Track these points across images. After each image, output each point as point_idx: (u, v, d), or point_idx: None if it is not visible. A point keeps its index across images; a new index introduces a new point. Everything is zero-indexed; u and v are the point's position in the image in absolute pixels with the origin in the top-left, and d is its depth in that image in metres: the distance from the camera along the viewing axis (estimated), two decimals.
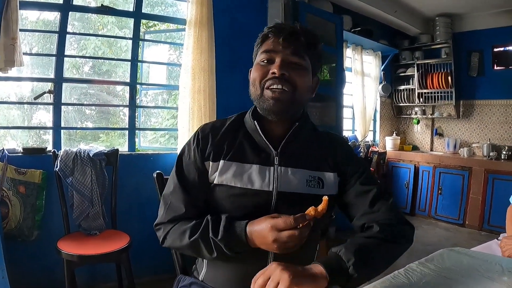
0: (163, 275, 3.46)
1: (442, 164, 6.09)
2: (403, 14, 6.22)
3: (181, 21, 3.77)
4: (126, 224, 3.15)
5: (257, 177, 1.38)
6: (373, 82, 6.52)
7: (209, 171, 1.42)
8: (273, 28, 1.40)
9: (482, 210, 5.55)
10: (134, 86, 3.65)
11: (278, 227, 1.16)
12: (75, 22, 4.49)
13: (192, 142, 1.47)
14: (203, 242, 1.30)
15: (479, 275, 1.45)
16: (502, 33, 6.02)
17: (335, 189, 1.46)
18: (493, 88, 6.20)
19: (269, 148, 1.43)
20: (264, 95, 1.37)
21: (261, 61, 1.39)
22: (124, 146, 3.70)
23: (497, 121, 6.22)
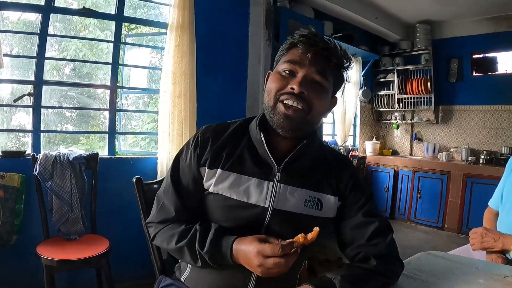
0: (143, 280, 3.43)
1: (421, 168, 6.18)
2: (384, 21, 6.30)
3: (163, 24, 3.76)
4: (106, 228, 3.13)
5: (254, 191, 1.32)
6: (354, 87, 6.59)
7: (204, 177, 1.36)
8: (305, 38, 1.30)
9: (461, 214, 5.65)
10: (114, 90, 3.63)
11: (265, 253, 1.12)
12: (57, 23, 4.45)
13: (190, 144, 1.41)
14: (188, 251, 1.28)
15: (456, 278, 1.46)
16: (481, 40, 6.17)
17: (333, 213, 1.41)
18: (472, 94, 6.33)
19: (271, 163, 1.35)
20: (277, 108, 1.29)
21: (283, 71, 1.31)
22: (104, 149, 3.67)
23: (475, 126, 6.34)
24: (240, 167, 1.35)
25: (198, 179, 1.38)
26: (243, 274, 1.32)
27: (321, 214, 1.37)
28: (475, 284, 1.41)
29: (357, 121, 7.16)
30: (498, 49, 6.10)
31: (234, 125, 1.45)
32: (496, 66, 6.17)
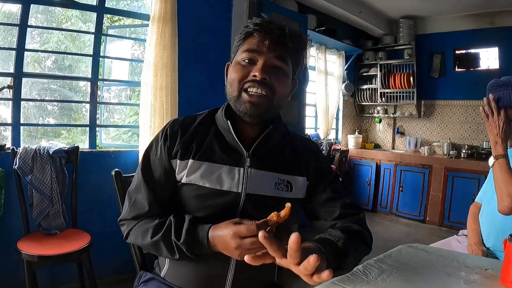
0: (125, 275, 3.40)
1: (403, 162, 6.24)
2: (368, 15, 6.33)
3: (145, 16, 3.73)
4: (87, 223, 3.10)
5: (227, 178, 1.34)
6: (336, 81, 6.60)
7: (176, 169, 1.37)
8: (260, 27, 1.32)
9: (442, 207, 5.72)
10: (95, 82, 3.59)
11: (241, 234, 1.11)
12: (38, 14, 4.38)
13: (160, 138, 1.41)
14: (164, 244, 1.27)
15: (437, 270, 1.48)
16: (463, 36, 6.26)
17: (302, 193, 1.45)
18: (454, 89, 6.42)
19: (240, 149, 1.38)
20: (242, 98, 1.32)
21: (243, 60, 1.33)
22: (86, 143, 3.63)
23: (457, 121, 6.42)
24: (210, 156, 1.36)
25: (170, 171, 1.38)
26: (222, 263, 1.34)
27: (292, 196, 1.39)
28: (455, 276, 1.43)
29: (339, 114, 7.20)
30: (480, 45, 6.18)
31: (200, 117, 1.47)
32: (478, 62, 6.25)
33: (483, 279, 1.42)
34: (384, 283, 1.33)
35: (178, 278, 1.41)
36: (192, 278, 1.38)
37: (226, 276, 1.36)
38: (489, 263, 1.57)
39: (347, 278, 1.34)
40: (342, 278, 1.33)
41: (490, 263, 1.58)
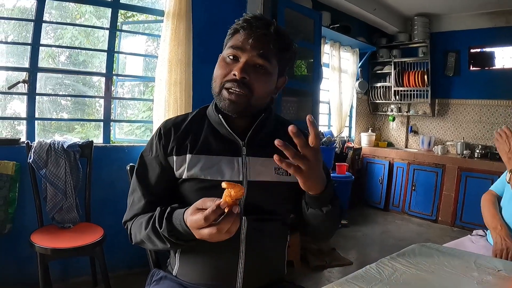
0: (137, 269, 3.45)
1: (416, 161, 6.20)
2: (382, 13, 6.28)
3: (159, 12, 3.74)
4: (100, 217, 3.12)
5: (226, 168, 1.38)
6: (350, 78, 6.59)
7: (173, 166, 1.40)
8: (247, 24, 1.35)
9: (455, 207, 5.67)
10: (110, 77, 3.61)
11: (195, 226, 1.10)
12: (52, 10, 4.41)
13: (154, 138, 1.46)
14: (155, 235, 1.27)
15: (450, 270, 1.47)
16: (479, 35, 6.17)
17: None
18: (468, 88, 6.34)
19: (235, 139, 1.42)
20: (222, 94, 1.36)
21: (227, 57, 1.37)
22: (99, 137, 3.66)
23: (471, 120, 6.35)
24: (207, 149, 1.40)
25: (167, 169, 1.41)
26: (231, 256, 1.37)
27: (291, 179, 1.35)
28: (468, 277, 1.42)
29: (353, 112, 7.17)
30: (496, 44, 6.10)
31: (192, 114, 1.53)
32: (494, 61, 6.17)
33: (496, 280, 1.42)
34: (397, 282, 1.32)
35: (190, 275, 1.42)
36: (204, 273, 1.39)
37: (237, 269, 1.37)
38: (502, 264, 1.56)
39: (360, 276, 1.34)
40: (355, 276, 1.34)
41: (503, 264, 1.57)
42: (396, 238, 5.07)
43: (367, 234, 5.25)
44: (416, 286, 1.32)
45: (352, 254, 4.42)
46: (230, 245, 1.33)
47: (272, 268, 1.49)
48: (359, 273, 1.37)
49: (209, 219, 1.05)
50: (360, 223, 5.71)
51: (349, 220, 5.61)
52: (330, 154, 5.60)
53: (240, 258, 1.37)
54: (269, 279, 1.48)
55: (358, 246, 4.77)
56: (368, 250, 4.67)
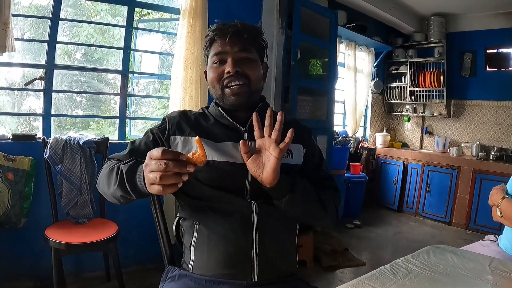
0: (150, 265, 3.47)
1: (431, 162, 6.15)
2: (398, 12, 6.25)
3: (175, 10, 3.76)
4: (114, 213, 3.15)
5: (232, 151, 1.47)
6: (366, 78, 6.56)
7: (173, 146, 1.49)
8: (217, 31, 1.51)
9: (469, 209, 5.61)
10: (126, 75, 3.64)
11: (151, 155, 1.11)
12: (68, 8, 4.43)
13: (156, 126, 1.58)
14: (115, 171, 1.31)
15: (464, 273, 1.47)
16: (495, 35, 6.09)
17: (301, 160, 1.59)
18: (485, 89, 6.27)
19: (237, 127, 1.54)
20: (225, 94, 1.50)
21: (214, 63, 1.51)
22: (114, 134, 3.69)
23: (487, 122, 6.28)
24: (214, 137, 1.50)
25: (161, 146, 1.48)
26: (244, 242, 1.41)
27: (293, 162, 1.54)
28: (482, 280, 1.42)
29: (368, 112, 7.15)
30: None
31: (195, 111, 1.67)
32: (510, 62, 6.09)
33: (510, 283, 1.42)
34: (411, 283, 1.33)
35: (206, 267, 1.44)
36: (219, 263, 1.41)
37: (252, 255, 1.41)
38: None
39: (374, 276, 1.35)
40: (369, 277, 1.34)
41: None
42: (409, 240, 5.05)
43: (380, 235, 5.22)
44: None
45: (365, 255, 4.40)
46: (243, 231, 1.41)
47: (285, 255, 1.52)
48: (373, 274, 1.37)
49: (165, 154, 1.07)
50: (373, 224, 5.68)
51: (362, 220, 5.60)
52: (344, 154, 5.59)
53: (253, 245, 1.41)
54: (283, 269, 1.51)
55: (371, 247, 4.74)
56: (381, 251, 4.64)
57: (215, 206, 1.44)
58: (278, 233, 1.48)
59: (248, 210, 1.43)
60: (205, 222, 1.45)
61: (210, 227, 1.43)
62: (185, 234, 1.52)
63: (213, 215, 1.44)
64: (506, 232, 2.23)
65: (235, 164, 1.45)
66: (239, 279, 1.41)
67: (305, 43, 4.52)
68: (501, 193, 2.15)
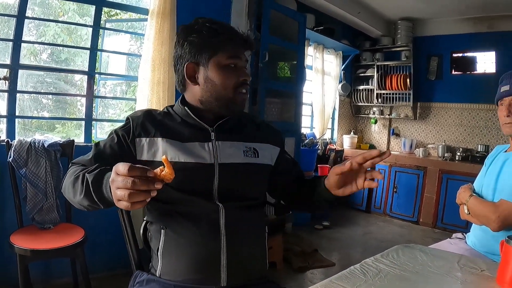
0: (119, 270, 3.41)
1: (398, 163, 6.27)
2: (366, 16, 6.35)
3: (143, 10, 3.72)
4: (81, 217, 3.07)
5: (199, 152, 1.46)
6: (333, 81, 6.64)
7: (138, 149, 1.46)
8: (239, 36, 1.51)
9: (436, 209, 5.75)
10: (92, 76, 3.58)
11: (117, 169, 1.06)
12: (35, 7, 4.35)
13: (120, 127, 1.52)
14: (81, 179, 1.26)
15: (434, 270, 1.48)
16: (461, 40, 6.29)
17: (271, 160, 1.64)
18: (450, 92, 6.45)
19: (204, 127, 1.53)
20: (236, 100, 1.50)
21: (231, 65, 1.48)
22: (81, 137, 3.61)
23: (452, 124, 6.46)
24: (179, 136, 1.48)
25: (127, 150, 1.46)
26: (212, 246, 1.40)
27: (259, 161, 1.57)
28: (451, 277, 1.43)
29: (335, 114, 7.23)
30: (477, 49, 6.21)
31: (160, 111, 1.63)
32: (475, 65, 6.28)
33: (479, 280, 1.43)
34: (381, 282, 1.33)
35: (174, 273, 1.42)
36: (188, 268, 1.40)
37: (220, 260, 1.40)
38: (486, 265, 1.58)
39: (344, 276, 1.35)
40: (340, 277, 1.34)
41: (487, 265, 1.58)
42: (378, 240, 5.12)
43: (349, 236, 5.28)
44: (401, 287, 1.32)
45: (334, 255, 4.44)
46: (211, 235, 1.40)
47: (254, 259, 1.52)
48: (343, 274, 1.37)
49: (132, 171, 1.03)
50: (342, 224, 5.73)
51: (331, 221, 5.64)
52: (312, 155, 5.62)
53: (222, 249, 1.40)
54: (253, 272, 1.51)
55: (340, 248, 4.79)
56: (350, 251, 4.69)
57: (182, 209, 1.43)
58: (246, 236, 1.48)
59: (215, 214, 1.42)
60: (172, 226, 1.43)
61: (177, 232, 1.42)
62: (153, 238, 1.50)
63: (180, 219, 1.42)
64: (473, 229, 2.28)
65: (203, 165, 1.45)
66: (208, 284, 1.40)
67: (274, 45, 4.55)
68: (468, 192, 2.19)
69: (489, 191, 2.17)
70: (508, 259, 1.33)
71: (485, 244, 2.11)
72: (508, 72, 2.16)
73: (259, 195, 1.61)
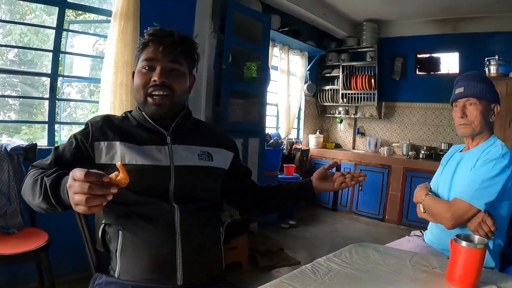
0: (85, 273, 3.36)
1: (363, 162, 6.37)
2: (332, 17, 6.43)
3: (107, 12, 3.67)
4: (45, 221, 3.03)
5: (156, 155, 1.51)
6: (299, 81, 6.69)
7: (97, 152, 1.48)
8: (153, 37, 1.53)
9: (401, 206, 5.88)
10: (55, 78, 3.54)
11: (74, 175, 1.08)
12: (2, 5, 4.27)
13: (79, 132, 1.54)
14: (39, 182, 1.28)
15: (384, 269, 1.51)
16: (426, 41, 6.46)
17: (225, 164, 1.72)
18: (414, 92, 6.60)
19: (160, 131, 1.58)
20: (148, 102, 1.52)
21: (143, 68, 1.53)
22: (45, 140, 3.58)
23: (416, 123, 6.61)
24: (136, 140, 1.53)
25: (85, 153, 1.48)
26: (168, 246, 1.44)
27: (213, 164, 1.64)
28: (403, 275, 1.46)
29: (301, 114, 7.28)
30: (442, 50, 6.38)
31: (118, 116, 1.68)
32: (439, 66, 6.45)
33: (430, 277, 1.46)
34: (331, 281, 1.36)
35: (132, 273, 1.44)
36: (144, 267, 1.43)
37: (176, 260, 1.44)
38: (437, 262, 1.61)
39: (295, 276, 1.37)
40: (290, 277, 1.36)
41: (439, 262, 1.62)
42: (344, 237, 5.17)
43: (315, 234, 5.32)
44: (350, 285, 1.35)
45: (301, 254, 4.47)
46: (166, 236, 1.44)
47: (210, 258, 1.56)
48: (294, 273, 1.39)
49: (88, 176, 1.05)
50: (308, 223, 5.78)
51: (297, 220, 5.67)
52: (277, 155, 5.65)
53: (177, 249, 1.45)
54: (208, 272, 1.55)
55: (307, 246, 4.82)
56: (316, 249, 4.72)
57: (139, 211, 1.46)
58: (201, 237, 1.52)
59: (171, 214, 1.46)
60: (129, 227, 1.46)
61: (134, 233, 1.45)
62: (111, 240, 1.52)
63: (137, 220, 1.45)
64: (430, 227, 2.34)
65: (159, 167, 1.49)
66: (165, 283, 1.43)
67: (238, 46, 4.55)
68: (424, 191, 2.25)
69: (444, 190, 2.23)
70: (457, 257, 1.37)
71: (441, 242, 2.16)
72: (463, 74, 2.23)
73: (214, 197, 1.65)
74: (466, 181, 2.03)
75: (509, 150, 2.01)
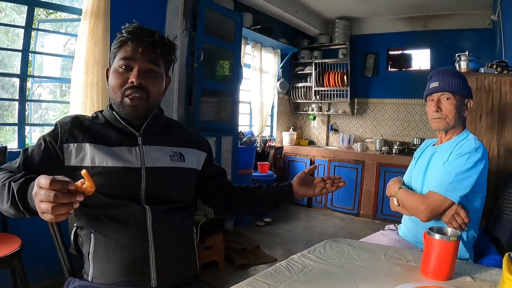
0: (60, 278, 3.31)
1: (336, 158, 6.43)
2: (304, 15, 6.46)
3: (77, 10, 3.61)
4: (18, 226, 2.98)
5: (126, 156, 1.49)
6: (272, 78, 6.71)
7: (67, 154, 1.45)
8: (133, 35, 1.49)
9: (375, 201, 5.96)
10: (25, 79, 3.46)
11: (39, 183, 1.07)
12: None
13: (48, 133, 1.49)
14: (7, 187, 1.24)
15: (359, 264, 1.52)
16: (397, 38, 6.57)
17: (197, 165, 1.70)
18: (386, 88, 6.70)
19: (131, 131, 1.55)
20: (124, 103, 1.49)
21: (120, 67, 1.49)
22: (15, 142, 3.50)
23: (389, 118, 6.70)
24: (106, 141, 1.50)
25: (54, 156, 1.45)
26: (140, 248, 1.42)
27: (185, 165, 1.63)
28: (378, 269, 1.46)
29: (274, 112, 7.29)
30: (413, 46, 6.53)
31: (88, 116, 1.63)
32: (411, 62, 6.61)
33: (405, 270, 1.47)
34: (306, 278, 1.35)
35: (105, 276, 1.42)
36: (118, 270, 1.41)
37: (149, 262, 1.42)
38: (412, 255, 1.62)
39: (269, 274, 1.37)
40: (264, 274, 1.36)
41: (413, 255, 1.63)
42: (320, 233, 5.20)
43: (291, 231, 5.34)
44: (324, 281, 1.34)
45: (276, 251, 4.48)
46: (139, 237, 1.43)
47: (184, 259, 1.55)
48: (268, 271, 1.39)
49: (53, 184, 1.04)
50: (283, 220, 5.79)
51: (272, 218, 5.69)
52: (250, 153, 5.65)
53: (150, 251, 1.43)
54: (183, 273, 1.54)
55: (283, 243, 4.84)
56: (292, 246, 4.73)
57: (111, 213, 1.43)
58: (174, 238, 1.51)
59: (143, 216, 1.44)
60: (101, 230, 1.43)
61: (106, 235, 1.42)
62: (84, 243, 1.49)
63: (109, 223, 1.43)
64: (404, 220, 2.37)
65: (130, 169, 1.47)
66: (139, 285, 1.41)
67: (210, 45, 4.53)
68: (398, 184, 2.27)
69: (417, 183, 2.26)
70: (431, 249, 1.39)
71: (415, 235, 2.20)
72: (437, 69, 2.26)
73: (186, 198, 1.63)
74: (439, 175, 2.06)
75: (481, 144, 2.05)
